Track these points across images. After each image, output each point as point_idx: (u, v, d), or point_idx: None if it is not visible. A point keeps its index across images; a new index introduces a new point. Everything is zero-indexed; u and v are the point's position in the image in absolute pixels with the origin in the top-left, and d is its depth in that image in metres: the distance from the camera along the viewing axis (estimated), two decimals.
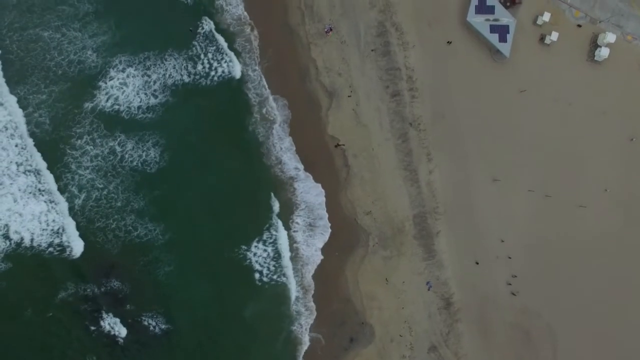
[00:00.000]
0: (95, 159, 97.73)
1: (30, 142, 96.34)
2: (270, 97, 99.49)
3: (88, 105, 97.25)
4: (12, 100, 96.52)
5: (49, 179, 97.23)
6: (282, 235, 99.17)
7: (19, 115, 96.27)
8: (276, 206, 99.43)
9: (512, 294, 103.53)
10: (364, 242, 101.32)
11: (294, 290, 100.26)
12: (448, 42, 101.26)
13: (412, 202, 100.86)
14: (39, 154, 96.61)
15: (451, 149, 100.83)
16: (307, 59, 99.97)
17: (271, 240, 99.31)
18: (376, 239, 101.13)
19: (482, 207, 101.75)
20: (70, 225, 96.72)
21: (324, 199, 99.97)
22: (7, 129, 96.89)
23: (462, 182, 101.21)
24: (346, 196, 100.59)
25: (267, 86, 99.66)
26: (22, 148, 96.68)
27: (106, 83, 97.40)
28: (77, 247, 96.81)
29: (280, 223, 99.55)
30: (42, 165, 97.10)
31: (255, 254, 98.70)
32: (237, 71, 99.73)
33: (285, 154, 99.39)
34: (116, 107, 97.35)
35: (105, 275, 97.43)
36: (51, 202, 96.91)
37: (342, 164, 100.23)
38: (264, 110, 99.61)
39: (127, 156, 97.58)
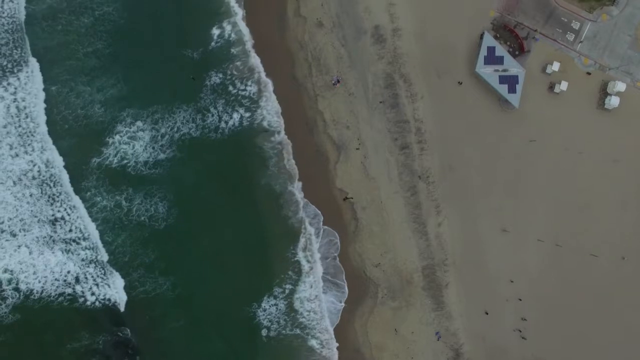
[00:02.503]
0: (103, 211, 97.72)
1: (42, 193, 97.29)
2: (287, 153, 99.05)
3: (95, 160, 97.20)
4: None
5: (59, 229, 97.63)
6: (295, 289, 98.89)
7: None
8: (288, 260, 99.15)
9: (522, 338, 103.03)
10: (373, 294, 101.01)
11: (306, 342, 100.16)
12: (459, 82, 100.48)
13: (421, 254, 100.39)
14: (49, 205, 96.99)
15: (460, 201, 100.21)
16: (315, 111, 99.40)
17: (283, 295, 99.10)
18: (385, 290, 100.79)
19: (491, 258, 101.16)
20: (82, 276, 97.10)
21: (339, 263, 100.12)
22: (19, 181, 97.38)
23: (471, 233, 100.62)
24: (355, 249, 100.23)
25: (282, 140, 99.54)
26: (36, 199, 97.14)
27: (114, 138, 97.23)
28: (89, 298, 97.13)
29: (292, 277, 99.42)
30: (58, 215, 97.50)
31: (265, 310, 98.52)
32: (247, 123, 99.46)
33: (298, 207, 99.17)
34: (124, 162, 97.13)
35: (114, 328, 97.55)
36: (66, 252, 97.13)
37: (350, 217, 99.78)
38: (274, 163, 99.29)
39: (134, 210, 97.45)
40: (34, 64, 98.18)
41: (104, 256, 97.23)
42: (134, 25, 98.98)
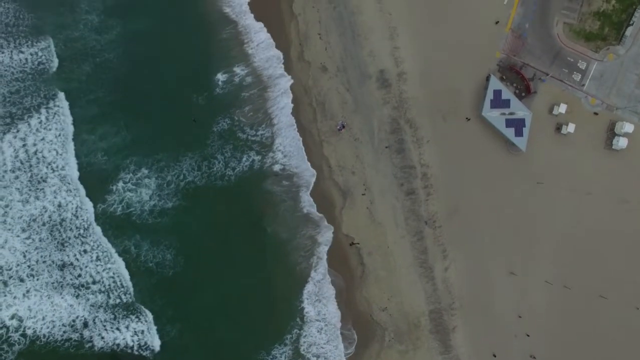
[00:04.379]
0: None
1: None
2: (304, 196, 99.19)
3: (99, 206, 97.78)
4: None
5: (68, 275, 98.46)
6: (303, 335, 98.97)
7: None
8: (296, 307, 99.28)
9: None
10: (380, 337, 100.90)
11: None
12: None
13: (428, 299, 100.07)
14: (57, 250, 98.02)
15: (467, 244, 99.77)
16: (320, 157, 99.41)
17: (291, 342, 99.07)
18: (392, 334, 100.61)
19: (498, 301, 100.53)
20: (89, 321, 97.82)
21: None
22: (25, 230, 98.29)
23: (478, 277, 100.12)
24: (361, 293, 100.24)
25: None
26: (46, 244, 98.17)
27: (117, 186, 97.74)
28: (97, 343, 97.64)
29: (299, 323, 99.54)
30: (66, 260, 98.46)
31: (275, 358, 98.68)
32: (256, 167, 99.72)
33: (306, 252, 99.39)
34: (130, 210, 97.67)
35: None
36: (75, 296, 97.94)
37: (357, 262, 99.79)
38: (284, 209, 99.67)
39: (142, 257, 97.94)
40: (44, 111, 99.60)
41: (130, 297, 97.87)
42: (136, 71, 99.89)
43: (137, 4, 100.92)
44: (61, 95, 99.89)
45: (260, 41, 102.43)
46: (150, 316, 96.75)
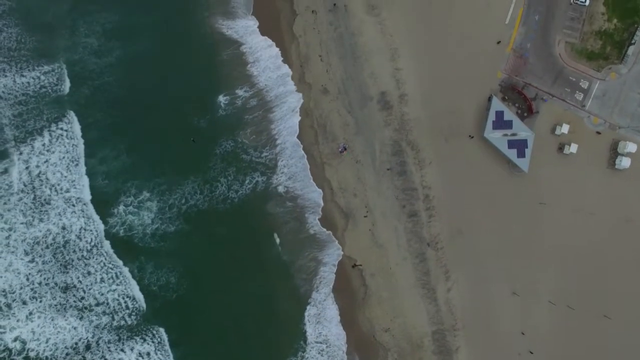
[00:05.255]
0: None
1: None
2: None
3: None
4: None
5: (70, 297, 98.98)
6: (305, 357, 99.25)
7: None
8: (300, 330, 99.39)
9: None
10: (383, 358, 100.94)
11: None
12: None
13: (431, 319, 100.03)
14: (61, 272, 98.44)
15: (469, 265, 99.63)
16: (322, 179, 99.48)
17: None
18: (395, 354, 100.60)
19: (502, 321, 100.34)
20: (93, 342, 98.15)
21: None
22: (28, 253, 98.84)
23: (481, 297, 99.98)
24: (364, 314, 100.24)
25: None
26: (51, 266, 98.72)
27: (118, 209, 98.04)
28: None
29: (302, 345, 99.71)
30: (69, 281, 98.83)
31: None
32: (260, 189, 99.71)
33: (309, 276, 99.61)
34: (131, 233, 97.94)
35: None
36: (78, 318, 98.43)
37: (359, 283, 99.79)
38: (287, 231, 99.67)
39: (146, 280, 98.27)
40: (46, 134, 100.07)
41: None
42: (136, 94, 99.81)
43: (138, 26, 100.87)
44: (66, 117, 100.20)
45: (267, 59, 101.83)
46: (163, 336, 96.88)
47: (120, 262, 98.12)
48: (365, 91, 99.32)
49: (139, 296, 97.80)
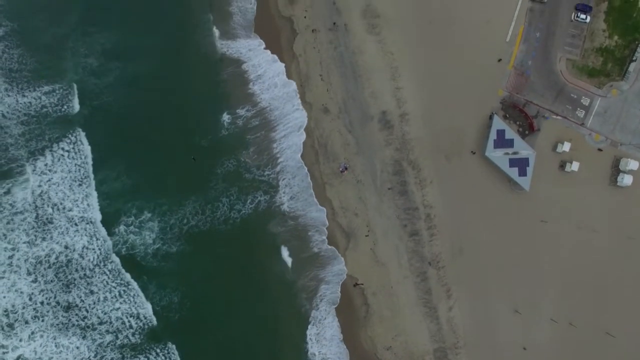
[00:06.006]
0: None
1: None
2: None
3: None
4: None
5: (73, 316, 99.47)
6: None
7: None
8: (302, 349, 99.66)
9: None
10: None
11: None
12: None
13: (433, 337, 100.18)
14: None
15: (471, 284, 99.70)
16: (323, 199, 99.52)
17: None
18: None
19: (503, 339, 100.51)
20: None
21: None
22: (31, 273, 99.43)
23: (482, 315, 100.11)
24: (366, 333, 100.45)
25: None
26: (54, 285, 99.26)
27: (119, 229, 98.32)
28: None
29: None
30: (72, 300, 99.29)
31: None
32: (262, 208, 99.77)
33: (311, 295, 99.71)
34: (133, 252, 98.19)
35: None
36: (81, 337, 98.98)
37: (361, 302, 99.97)
38: (289, 249, 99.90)
39: (149, 300, 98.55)
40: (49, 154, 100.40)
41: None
42: (137, 115, 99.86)
43: (138, 47, 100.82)
44: (67, 137, 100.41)
45: (271, 76, 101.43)
46: (168, 355, 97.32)
47: (128, 275, 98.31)
48: (366, 110, 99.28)
49: (149, 313, 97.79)
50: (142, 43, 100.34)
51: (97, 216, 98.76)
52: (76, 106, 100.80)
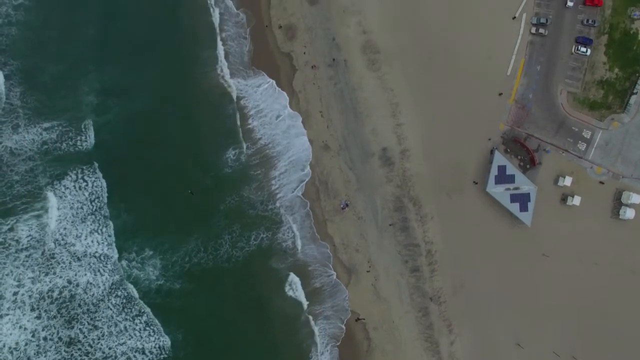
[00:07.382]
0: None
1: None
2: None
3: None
4: None
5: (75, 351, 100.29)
6: None
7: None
8: None
9: None
10: None
11: None
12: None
13: None
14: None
15: (472, 318, 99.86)
16: (324, 236, 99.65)
17: None
18: None
19: None
20: None
21: None
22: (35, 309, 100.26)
23: (484, 350, 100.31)
24: None
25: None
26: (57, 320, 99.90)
27: (122, 264, 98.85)
28: None
29: None
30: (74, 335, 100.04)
31: None
32: (264, 246, 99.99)
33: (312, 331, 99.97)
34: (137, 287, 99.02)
35: None
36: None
37: (363, 337, 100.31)
38: (290, 286, 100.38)
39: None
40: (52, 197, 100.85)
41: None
42: (138, 153, 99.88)
43: (137, 86, 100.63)
44: (69, 175, 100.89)
45: (271, 111, 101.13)
46: None
47: (148, 309, 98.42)
48: (366, 147, 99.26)
49: (155, 348, 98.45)
50: (141, 82, 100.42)
51: (115, 254, 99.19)
52: (77, 144, 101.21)
